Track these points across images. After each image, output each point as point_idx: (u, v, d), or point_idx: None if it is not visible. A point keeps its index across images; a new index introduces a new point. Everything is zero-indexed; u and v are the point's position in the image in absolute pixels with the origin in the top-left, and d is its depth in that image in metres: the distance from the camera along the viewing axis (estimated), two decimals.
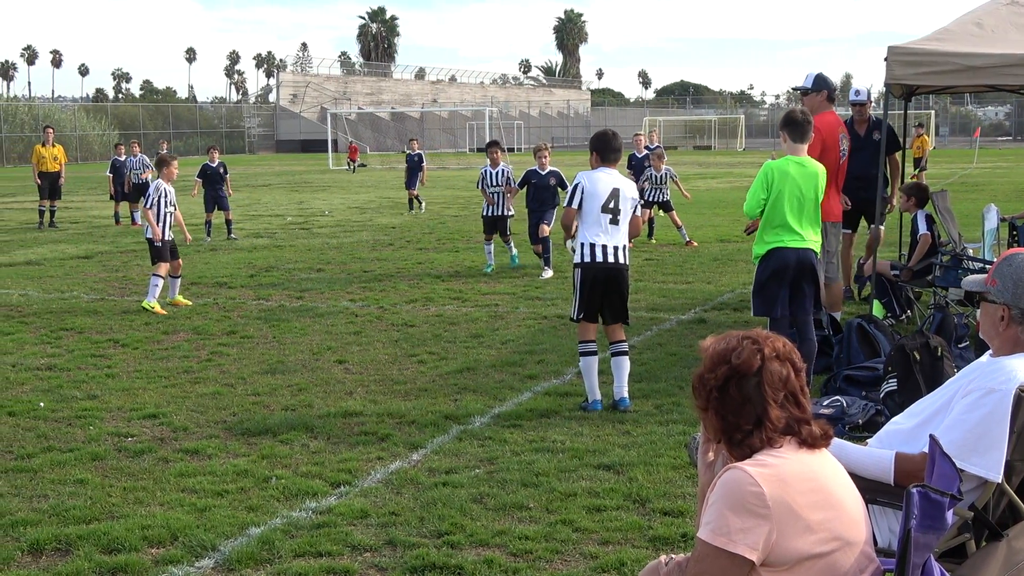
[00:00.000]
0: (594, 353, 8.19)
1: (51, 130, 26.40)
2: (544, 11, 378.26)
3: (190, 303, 13.36)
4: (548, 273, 15.47)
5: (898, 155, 12.77)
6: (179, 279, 13.63)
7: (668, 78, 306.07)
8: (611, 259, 8.13)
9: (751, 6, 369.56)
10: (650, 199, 19.47)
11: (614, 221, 8.12)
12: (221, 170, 21.54)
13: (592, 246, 8.10)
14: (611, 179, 8.19)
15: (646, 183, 19.62)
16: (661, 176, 19.93)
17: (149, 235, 13.32)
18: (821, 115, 9.67)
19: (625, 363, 8.33)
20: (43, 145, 25.64)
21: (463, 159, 67.31)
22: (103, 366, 9.91)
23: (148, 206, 13.31)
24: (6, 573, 5.30)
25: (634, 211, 8.28)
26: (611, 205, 8.10)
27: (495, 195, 16.26)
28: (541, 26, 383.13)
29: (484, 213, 16.54)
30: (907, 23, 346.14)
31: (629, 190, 8.27)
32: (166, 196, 13.34)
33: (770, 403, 2.90)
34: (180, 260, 13.63)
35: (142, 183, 23.83)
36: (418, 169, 27.69)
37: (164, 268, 13.14)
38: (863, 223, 12.53)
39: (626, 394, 8.23)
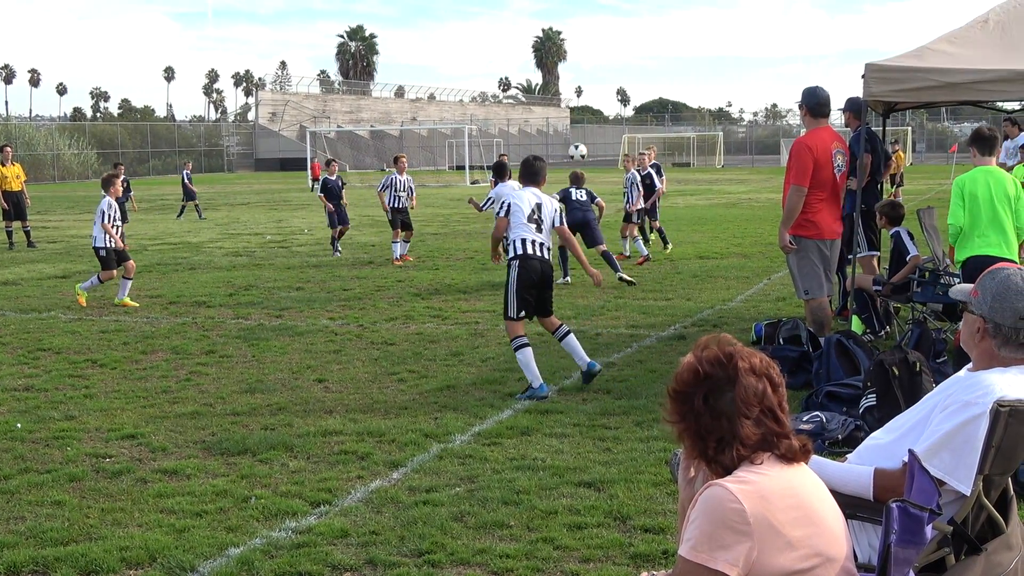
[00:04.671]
0: (529, 344, 9.20)
1: (9, 148, 25.23)
2: (523, 29, 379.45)
3: (137, 305, 14.79)
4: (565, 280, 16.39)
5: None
6: (130, 281, 15.15)
7: (647, 95, 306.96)
8: (540, 253, 9.31)
9: (729, 24, 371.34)
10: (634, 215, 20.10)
11: (539, 229, 9.37)
12: (340, 183, 22.25)
13: (525, 241, 9.29)
14: (533, 196, 9.50)
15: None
16: (629, 178, 20.09)
17: (100, 244, 15.01)
18: (814, 131, 9.62)
19: (574, 338, 9.48)
20: (2, 164, 24.40)
21: (442, 177, 67.31)
22: (81, 386, 9.85)
23: (107, 221, 15.04)
24: None
25: (556, 222, 9.53)
26: (534, 216, 9.38)
27: None
28: (520, 44, 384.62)
29: None
30: (886, 42, 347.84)
31: (549, 204, 9.53)
32: (114, 210, 15.26)
33: (742, 419, 2.89)
34: (132, 261, 15.43)
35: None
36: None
37: (115, 275, 15.10)
38: None
39: (589, 360, 9.36)
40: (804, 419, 7.63)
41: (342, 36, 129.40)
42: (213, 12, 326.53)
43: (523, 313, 9.22)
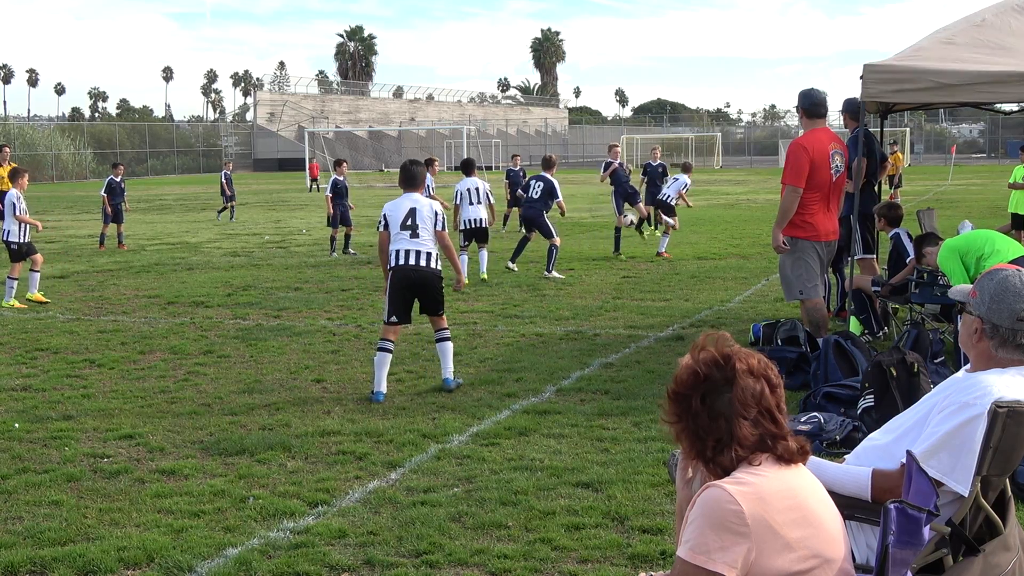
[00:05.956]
0: (390, 351, 9.39)
1: (7, 148, 24.93)
2: (521, 30, 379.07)
3: (48, 300, 15.14)
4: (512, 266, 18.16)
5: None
6: (38, 274, 15.44)
7: (645, 96, 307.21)
8: (412, 262, 9.38)
9: (728, 25, 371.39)
10: (661, 197, 21.63)
11: (414, 235, 9.40)
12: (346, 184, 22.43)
13: (398, 252, 9.41)
14: (409, 202, 9.53)
15: (662, 180, 22.77)
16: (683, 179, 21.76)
17: (13, 239, 15.15)
18: (811, 132, 9.62)
19: (449, 347, 9.62)
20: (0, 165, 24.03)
21: (440, 178, 67.32)
22: (79, 386, 9.84)
23: (21, 213, 15.18)
24: None
25: (436, 226, 9.51)
26: (408, 223, 9.40)
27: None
28: (519, 45, 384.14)
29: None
30: (885, 43, 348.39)
31: (427, 208, 9.51)
32: (22, 202, 15.30)
33: (740, 420, 2.89)
34: (40, 255, 15.60)
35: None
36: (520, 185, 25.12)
37: (19, 269, 15.17)
38: None
39: (451, 375, 9.53)
40: (802, 420, 7.63)
41: (341, 36, 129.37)
42: (211, 12, 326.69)
43: (394, 319, 9.50)
